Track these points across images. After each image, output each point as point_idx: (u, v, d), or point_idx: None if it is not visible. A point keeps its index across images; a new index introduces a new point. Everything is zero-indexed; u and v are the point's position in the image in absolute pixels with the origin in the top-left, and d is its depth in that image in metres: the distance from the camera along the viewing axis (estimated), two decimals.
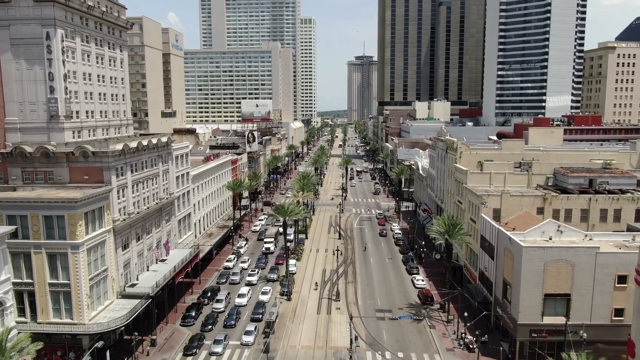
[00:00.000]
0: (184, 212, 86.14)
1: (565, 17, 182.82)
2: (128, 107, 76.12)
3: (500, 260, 60.73)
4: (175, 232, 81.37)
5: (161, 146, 74.03)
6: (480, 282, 69.37)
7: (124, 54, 74.71)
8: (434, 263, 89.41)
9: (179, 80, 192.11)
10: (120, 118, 73.05)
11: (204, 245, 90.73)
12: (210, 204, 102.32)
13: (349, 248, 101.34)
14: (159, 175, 73.99)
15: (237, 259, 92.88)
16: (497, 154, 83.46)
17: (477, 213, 72.11)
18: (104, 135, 69.20)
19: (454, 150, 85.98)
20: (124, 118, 74.45)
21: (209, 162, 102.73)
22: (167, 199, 76.89)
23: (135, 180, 65.92)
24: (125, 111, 74.99)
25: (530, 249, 53.59)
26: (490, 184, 77.14)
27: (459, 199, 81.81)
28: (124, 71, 74.28)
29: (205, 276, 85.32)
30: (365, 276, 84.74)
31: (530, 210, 69.11)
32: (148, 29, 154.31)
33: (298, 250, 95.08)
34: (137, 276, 66.12)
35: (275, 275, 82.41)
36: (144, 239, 68.98)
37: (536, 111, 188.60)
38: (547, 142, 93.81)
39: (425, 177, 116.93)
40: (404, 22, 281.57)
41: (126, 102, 75.38)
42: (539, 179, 77.30)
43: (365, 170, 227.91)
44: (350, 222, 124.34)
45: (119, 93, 72.96)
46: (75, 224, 51.57)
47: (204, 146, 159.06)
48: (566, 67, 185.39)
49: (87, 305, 53.36)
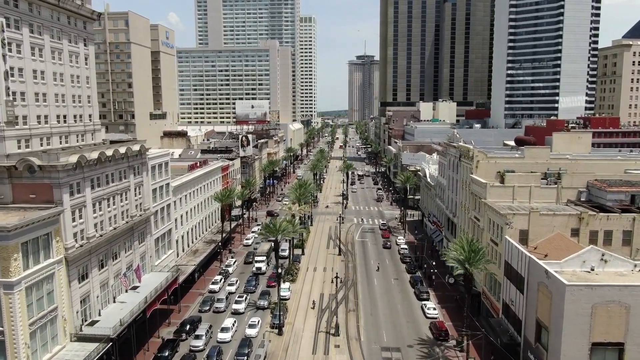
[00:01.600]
0: (163, 229, 75.96)
1: (579, 12, 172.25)
2: (95, 110, 65.94)
3: (533, 295, 50.43)
4: (152, 253, 71.17)
5: (132, 155, 63.85)
6: (505, 316, 59.06)
7: (90, 49, 64.53)
8: (446, 285, 79.18)
9: (170, 79, 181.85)
10: (84, 123, 62.88)
11: (186, 266, 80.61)
12: (196, 217, 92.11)
13: (350, 266, 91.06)
14: (129, 189, 63.81)
15: (224, 280, 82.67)
16: (519, 164, 73.11)
17: (499, 234, 61.85)
18: (63, 144, 59.02)
19: (470, 158, 75.69)
20: (90, 123, 64.28)
21: (195, 171, 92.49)
22: (140, 216, 66.73)
23: (98, 197, 55.76)
24: (92, 115, 64.80)
25: (575, 289, 43.29)
26: (513, 199, 66.88)
27: (476, 215, 71.50)
28: (89, 68, 64.11)
29: (187, 302, 75.10)
30: (369, 302, 74.45)
31: (564, 231, 58.84)
32: (135, 24, 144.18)
33: (293, 270, 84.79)
34: (100, 311, 55.93)
35: (266, 301, 72.15)
36: (110, 266, 58.79)
37: (548, 112, 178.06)
38: (573, 149, 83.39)
39: (434, 185, 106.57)
40: (407, 20, 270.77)
41: (93, 104, 65.18)
42: (570, 193, 67.04)
43: (367, 174, 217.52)
44: (352, 235, 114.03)
45: (83, 94, 62.77)
46: (8, 259, 41.36)
47: (195, 150, 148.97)
48: (580, 65, 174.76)
49: (27, 357, 43.15)
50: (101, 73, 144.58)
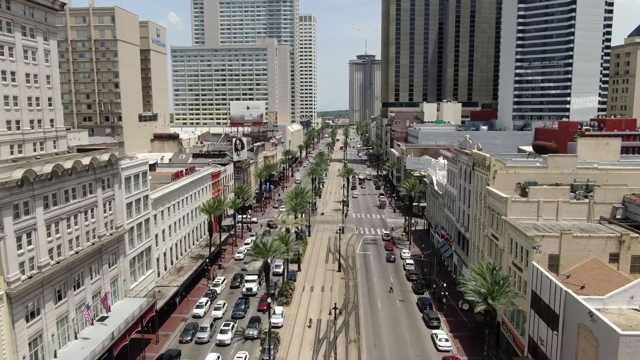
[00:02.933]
0: (141, 247, 67.53)
1: (592, 8, 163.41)
2: (58, 114, 57.56)
3: (571, 339, 41.95)
4: (126, 276, 62.75)
5: (100, 166, 55.45)
6: (532, 355, 50.55)
7: (52, 44, 56.15)
8: (458, 308, 70.73)
9: (161, 79, 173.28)
10: (44, 129, 54.47)
11: (168, 287, 72.20)
12: (181, 231, 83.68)
13: (351, 285, 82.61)
14: (97, 205, 55.42)
15: (211, 302, 74.17)
16: (542, 174, 64.67)
17: (524, 258, 53.37)
18: (14, 154, 50.56)
19: (485, 168, 67.19)
20: (51, 129, 55.88)
21: (179, 180, 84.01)
22: (111, 235, 58.34)
23: (54, 217, 47.38)
24: (54, 120, 56.37)
25: (631, 340, 34.80)
26: (538, 216, 58.37)
27: (494, 233, 62.98)
28: (50, 66, 55.71)
29: (167, 329, 66.62)
30: (372, 331, 65.95)
31: (601, 256, 50.33)
32: (122, 21, 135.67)
33: (287, 290, 76.29)
34: (56, 352, 47.54)
35: (256, 330, 63.65)
36: (70, 297, 50.41)
37: (559, 114, 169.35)
38: (600, 156, 74.93)
39: (442, 194, 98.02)
40: (409, 18, 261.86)
41: (55, 107, 56.79)
42: (603, 209, 58.50)
43: (368, 178, 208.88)
44: (352, 247, 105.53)
45: (42, 96, 54.40)
46: None
47: (186, 154, 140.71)
48: (593, 64, 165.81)
49: None
50: (86, 72, 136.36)
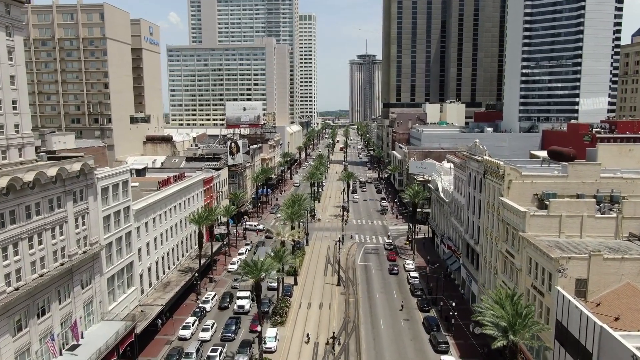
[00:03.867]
0: (121, 264, 61.61)
1: (601, 5, 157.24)
2: (26, 119, 51.65)
3: None
4: (102, 297, 56.80)
5: (70, 177, 49.53)
6: None
7: (17, 40, 50.20)
8: (467, 331, 64.77)
9: (154, 79, 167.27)
10: (6, 136, 48.54)
11: (152, 306, 66.28)
12: (169, 243, 77.73)
13: (352, 301, 76.67)
14: (67, 220, 49.48)
15: (199, 322, 68.20)
16: (561, 184, 58.69)
17: (545, 281, 47.42)
18: None
19: (499, 177, 61.20)
20: (16, 135, 49.95)
21: (166, 188, 78.04)
22: (84, 253, 52.41)
23: (10, 238, 41.48)
24: (19, 125, 50.44)
25: None
26: (560, 233, 52.40)
27: (509, 250, 57.01)
28: (14, 65, 49.78)
29: (149, 354, 60.63)
30: (374, 356, 59.96)
31: (635, 280, 44.45)
32: (112, 18, 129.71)
33: (282, 308, 70.32)
34: None
35: (246, 356, 57.70)
36: (33, 326, 44.49)
37: (567, 115, 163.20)
38: (622, 163, 68.89)
39: (449, 202, 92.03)
40: (411, 16, 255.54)
41: (21, 111, 50.86)
42: (632, 224, 52.54)
43: (369, 181, 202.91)
44: (353, 257, 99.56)
45: (5, 98, 48.45)
46: None
47: (180, 158, 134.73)
48: (603, 64, 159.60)
49: None
50: (74, 72, 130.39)
